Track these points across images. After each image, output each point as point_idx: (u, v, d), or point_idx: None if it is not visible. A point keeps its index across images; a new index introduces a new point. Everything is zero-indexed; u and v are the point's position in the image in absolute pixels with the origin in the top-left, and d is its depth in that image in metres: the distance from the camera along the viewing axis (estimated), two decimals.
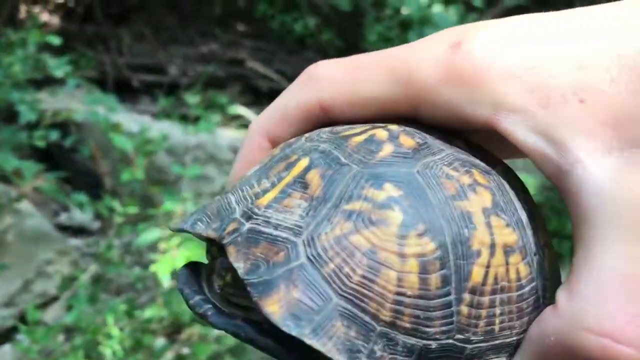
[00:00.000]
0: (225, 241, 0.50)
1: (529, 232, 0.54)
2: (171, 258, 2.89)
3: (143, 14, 6.04)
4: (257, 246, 0.49)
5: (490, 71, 0.50)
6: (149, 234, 2.88)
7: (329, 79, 0.56)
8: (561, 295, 0.48)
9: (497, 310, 0.50)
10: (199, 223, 0.54)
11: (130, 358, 3.00)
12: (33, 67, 3.67)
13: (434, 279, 0.48)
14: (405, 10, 5.17)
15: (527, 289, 0.52)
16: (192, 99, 3.82)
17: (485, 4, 6.01)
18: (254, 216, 0.51)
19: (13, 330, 3.35)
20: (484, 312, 0.50)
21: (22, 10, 6.02)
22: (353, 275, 0.47)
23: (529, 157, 0.51)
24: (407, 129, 0.54)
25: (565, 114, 0.48)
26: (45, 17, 6.10)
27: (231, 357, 3.11)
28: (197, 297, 0.53)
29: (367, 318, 0.47)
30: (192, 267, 0.56)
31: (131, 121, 4.41)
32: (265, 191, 0.52)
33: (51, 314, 3.48)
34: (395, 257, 0.47)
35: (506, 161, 0.59)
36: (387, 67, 0.54)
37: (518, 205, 0.54)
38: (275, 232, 0.49)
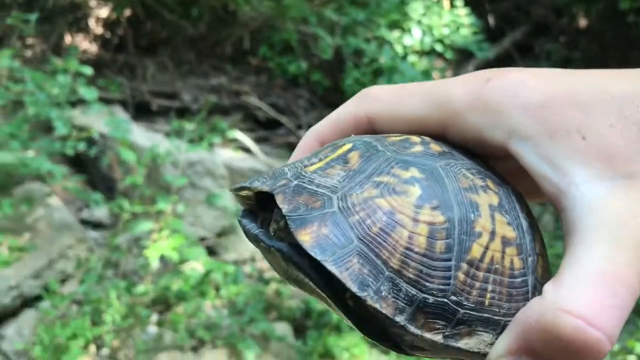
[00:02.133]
0: (275, 191, 0.55)
1: (528, 238, 0.57)
2: (160, 246, 3.40)
3: (168, 48, 6.52)
4: (300, 196, 0.54)
5: (510, 104, 0.55)
6: (143, 225, 3.39)
7: (378, 98, 0.62)
8: (547, 287, 0.50)
9: (489, 287, 0.53)
10: (256, 182, 0.59)
11: (123, 322, 3.40)
12: (70, 92, 4.06)
13: (439, 244, 0.52)
14: (382, 59, 5.67)
15: (518, 279, 0.55)
16: (189, 125, 4.36)
17: (455, 57, 6.48)
18: (301, 177, 0.56)
19: (38, 298, 3.67)
20: (477, 284, 0.53)
21: (67, 39, 6.45)
22: (373, 227, 0.51)
23: (533, 176, 0.55)
24: (438, 141, 0.60)
25: (568, 146, 0.52)
26: (85, 45, 6.54)
27: (203, 330, 3.50)
28: (252, 225, 0.59)
29: (379, 262, 0.50)
30: (248, 213, 0.62)
31: (145, 138, 4.83)
32: (313, 163, 0.58)
33: (68, 288, 3.79)
34: (409, 220, 0.51)
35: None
36: (426, 93, 0.60)
37: (521, 215, 0.57)
38: (316, 189, 0.54)
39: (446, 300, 0.52)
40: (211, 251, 4.61)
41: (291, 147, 5.96)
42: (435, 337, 0.51)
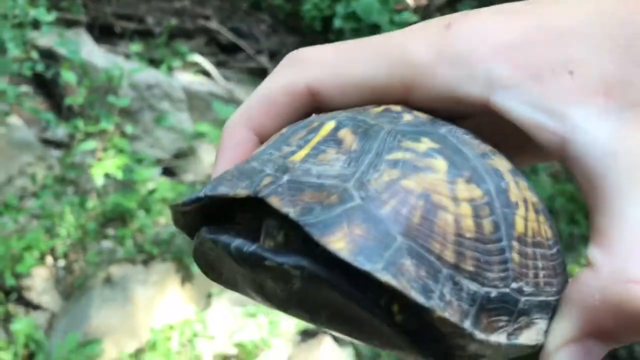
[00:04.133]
0: (262, 194, 0.41)
1: (541, 204, 0.49)
2: (105, 164, 3.50)
3: None
4: (302, 194, 0.41)
5: (481, 50, 0.46)
6: (87, 144, 3.50)
7: (318, 62, 0.50)
8: (595, 254, 0.43)
9: (540, 264, 0.46)
10: (220, 187, 0.44)
11: (74, 235, 3.56)
12: (26, 14, 4.09)
13: (486, 223, 0.43)
14: None
15: (554, 250, 0.48)
16: (135, 47, 4.38)
17: None
18: (290, 170, 0.43)
19: None
20: (530, 263, 0.45)
21: None
22: (412, 216, 0.41)
23: (526, 131, 0.47)
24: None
25: (557, 86, 0.45)
26: None
27: (151, 245, 3.68)
28: (239, 240, 0.43)
29: (432, 258, 0.40)
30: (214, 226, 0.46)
31: (105, 60, 4.74)
32: (293, 152, 0.45)
33: (27, 204, 3.85)
34: (449, 200, 0.42)
35: None
36: (381, 50, 0.49)
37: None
38: (319, 181, 0.42)
39: (508, 290, 0.43)
40: (170, 172, 4.67)
41: (251, 72, 6.03)
42: (499, 337, 0.42)
